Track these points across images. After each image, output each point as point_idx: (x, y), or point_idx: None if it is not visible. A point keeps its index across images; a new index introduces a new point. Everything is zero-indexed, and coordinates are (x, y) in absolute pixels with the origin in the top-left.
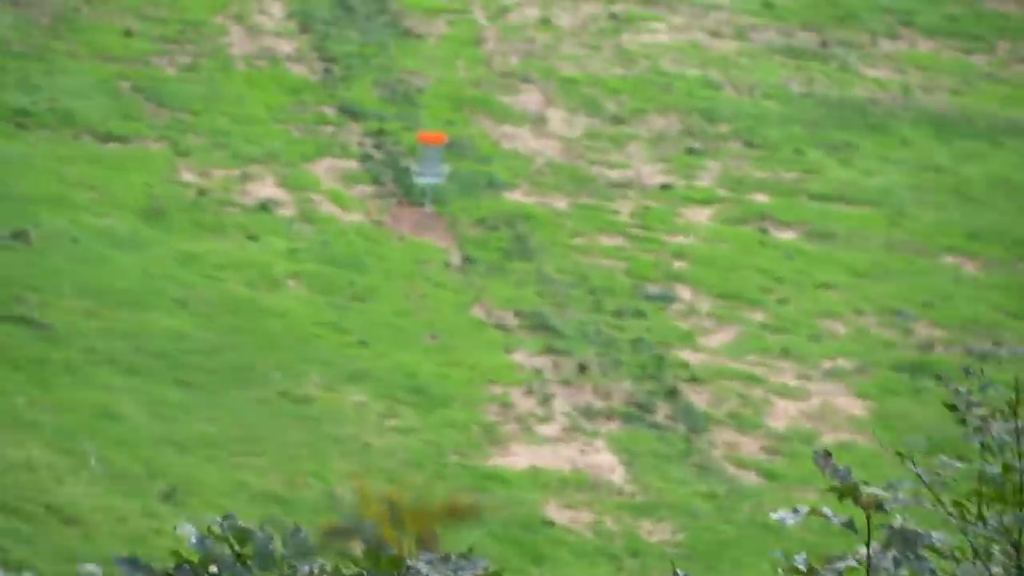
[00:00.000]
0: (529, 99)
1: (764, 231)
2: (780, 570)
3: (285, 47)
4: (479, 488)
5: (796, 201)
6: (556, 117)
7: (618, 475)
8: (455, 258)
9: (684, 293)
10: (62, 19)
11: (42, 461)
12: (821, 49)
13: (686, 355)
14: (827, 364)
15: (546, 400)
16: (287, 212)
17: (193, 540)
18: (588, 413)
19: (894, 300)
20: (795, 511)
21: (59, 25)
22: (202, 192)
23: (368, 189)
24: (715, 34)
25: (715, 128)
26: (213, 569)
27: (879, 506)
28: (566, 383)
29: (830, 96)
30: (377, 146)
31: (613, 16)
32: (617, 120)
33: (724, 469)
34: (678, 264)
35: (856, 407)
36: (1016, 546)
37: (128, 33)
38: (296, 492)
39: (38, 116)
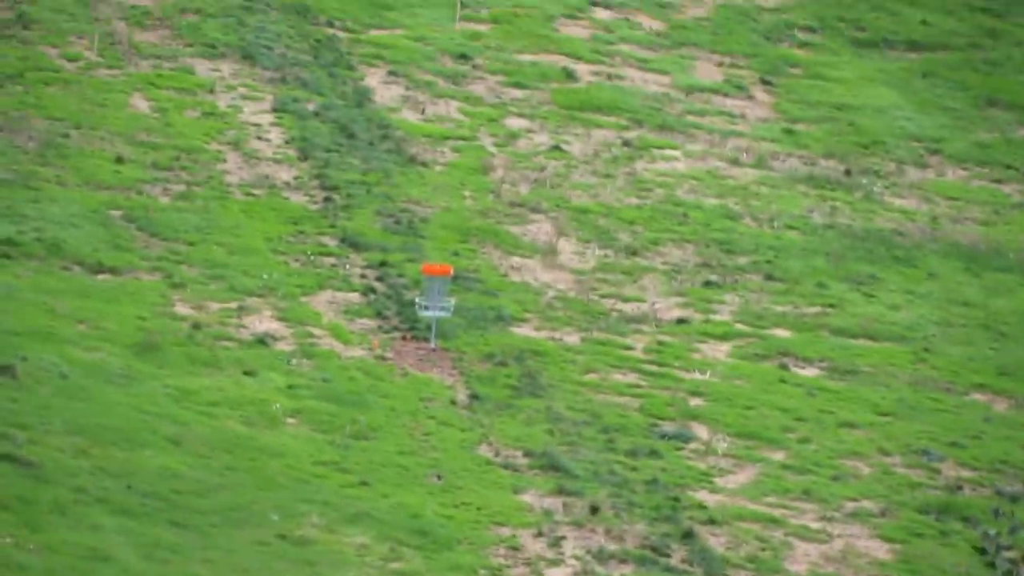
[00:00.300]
0: (539, 229)
1: (785, 368)
2: None
3: (284, 175)
4: None
5: (818, 336)
6: (567, 248)
7: None
8: (461, 395)
9: (701, 432)
10: (50, 145)
11: None
12: (845, 178)
13: (703, 496)
14: (850, 506)
15: (556, 543)
16: (286, 347)
17: None
18: (600, 556)
19: (920, 440)
20: None
21: (47, 151)
22: (197, 326)
23: (371, 323)
24: (734, 162)
25: (734, 260)
26: None
27: None
28: (577, 525)
29: (854, 227)
30: (380, 278)
31: (627, 143)
32: (631, 251)
33: None
34: (695, 402)
35: (880, 550)
36: None
37: (119, 160)
38: None
39: (25, 246)
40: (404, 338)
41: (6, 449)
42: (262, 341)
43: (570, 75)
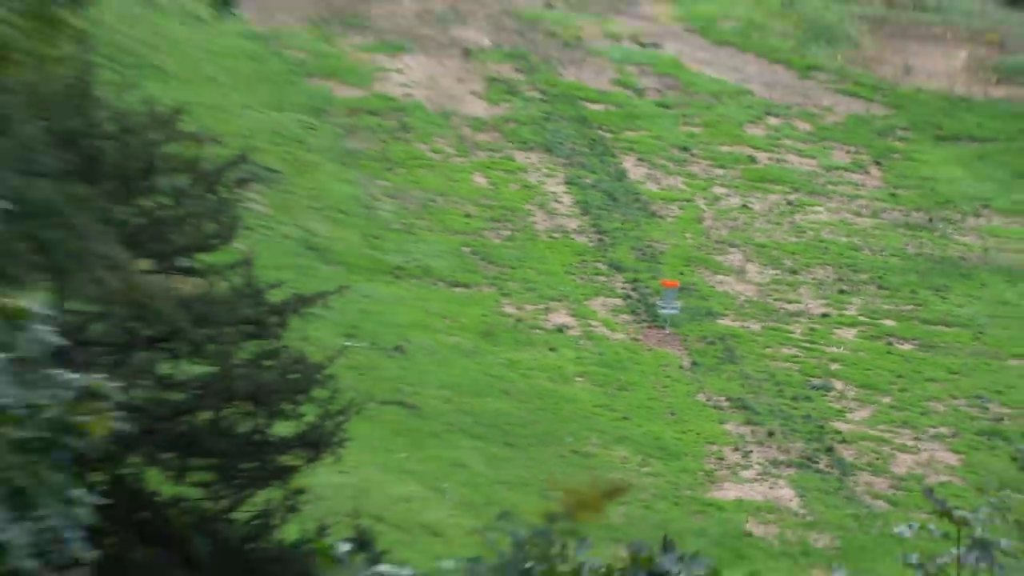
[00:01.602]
0: (734, 258)
1: (891, 344)
2: (902, 564)
3: (572, 224)
4: (703, 512)
5: (912, 324)
6: (752, 270)
7: (795, 503)
8: (686, 362)
9: (837, 385)
10: (424, 206)
11: (416, 495)
12: (928, 224)
13: (839, 425)
14: (932, 431)
15: (747, 455)
16: (575, 333)
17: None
18: (775, 463)
19: (977, 389)
20: (910, 527)
21: (422, 211)
22: (519, 320)
23: (628, 318)
24: (857, 214)
25: (858, 276)
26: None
27: (966, 523)
28: (760, 444)
29: (934, 255)
30: (633, 289)
31: (790, 203)
32: (792, 271)
33: (864, 499)
34: (834, 366)
35: (952, 459)
36: None
37: (468, 215)
38: None
39: (408, 270)
40: (649, 327)
41: (400, 398)
42: (560, 329)
43: (753, 160)
